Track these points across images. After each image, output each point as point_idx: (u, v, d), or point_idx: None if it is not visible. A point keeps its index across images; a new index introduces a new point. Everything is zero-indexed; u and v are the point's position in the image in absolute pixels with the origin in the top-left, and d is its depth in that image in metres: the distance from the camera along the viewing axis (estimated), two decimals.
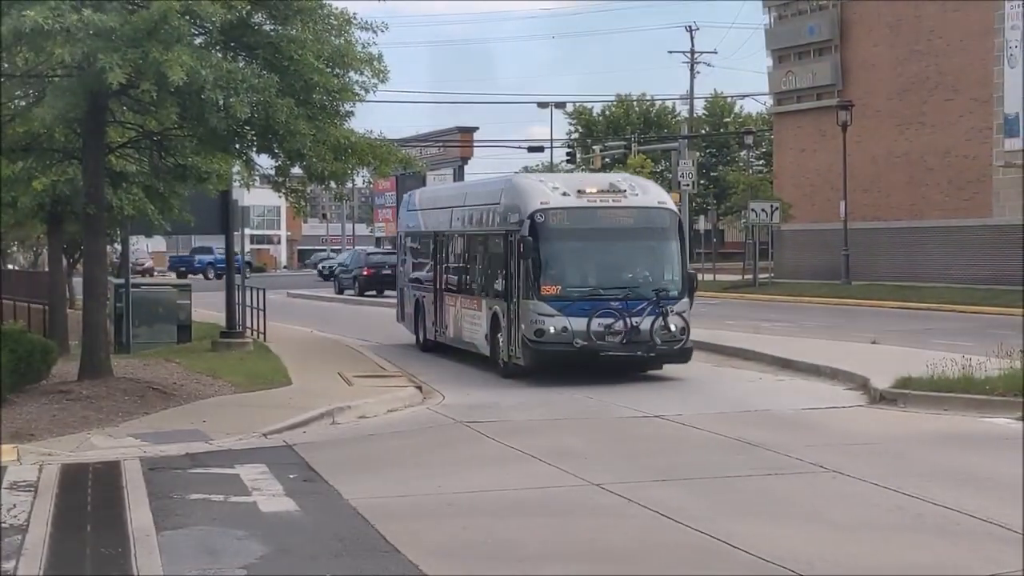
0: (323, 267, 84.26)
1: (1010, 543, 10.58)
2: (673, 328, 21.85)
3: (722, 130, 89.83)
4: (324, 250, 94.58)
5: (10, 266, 50.67)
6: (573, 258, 22.36)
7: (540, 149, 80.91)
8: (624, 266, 22.51)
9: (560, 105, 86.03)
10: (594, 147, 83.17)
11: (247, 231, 37.34)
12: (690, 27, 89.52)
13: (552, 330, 21.55)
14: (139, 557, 10.51)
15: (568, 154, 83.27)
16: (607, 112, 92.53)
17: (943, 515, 11.63)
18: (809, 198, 55.27)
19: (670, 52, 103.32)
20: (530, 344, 21.78)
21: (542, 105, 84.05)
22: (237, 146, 20.81)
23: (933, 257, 48.49)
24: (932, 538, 10.93)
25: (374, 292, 55.94)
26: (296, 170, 21.54)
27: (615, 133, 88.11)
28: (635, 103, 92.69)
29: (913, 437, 16.09)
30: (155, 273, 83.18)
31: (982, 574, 9.75)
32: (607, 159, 78.29)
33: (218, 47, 19.07)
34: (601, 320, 21.57)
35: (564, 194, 22.41)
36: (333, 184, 21.90)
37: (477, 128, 79.30)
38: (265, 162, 22.56)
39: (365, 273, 57.36)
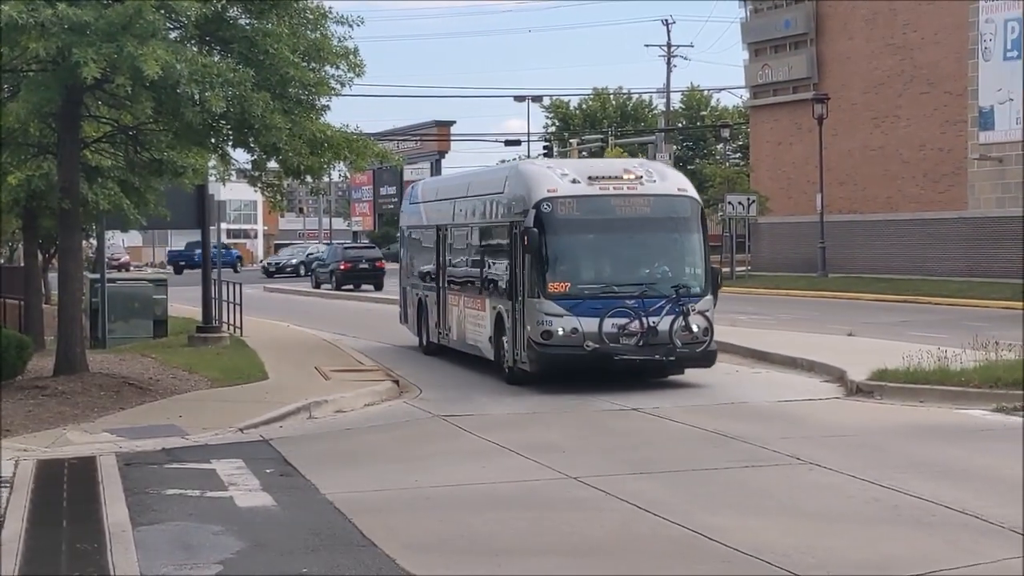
0: (267, 263, 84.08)
1: (986, 534, 10.63)
2: (695, 328, 20.06)
3: (699, 123, 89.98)
4: (298, 244, 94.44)
5: None
6: (584, 252, 20.60)
7: (517, 143, 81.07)
8: (640, 260, 20.62)
9: (537, 99, 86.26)
10: (571, 140, 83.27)
11: (224, 226, 37.15)
12: (666, 21, 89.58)
13: (560, 332, 19.77)
14: (115, 553, 10.47)
15: (545, 148, 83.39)
16: (584, 105, 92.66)
17: (919, 507, 11.67)
18: (786, 191, 55.44)
19: (647, 46, 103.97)
20: (536, 347, 19.95)
21: (519, 99, 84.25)
22: (213, 140, 20.74)
23: (909, 250, 48.67)
24: (908, 530, 10.97)
25: (351, 286, 56.00)
26: (272, 164, 21.46)
27: (592, 126, 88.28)
28: (612, 96, 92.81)
29: (889, 429, 16.14)
30: (131, 268, 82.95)
31: (958, 566, 9.78)
32: (584, 152, 78.36)
33: (193, 41, 19.01)
34: (615, 320, 19.77)
35: (574, 181, 20.56)
36: (309, 178, 21.77)
37: (454, 122, 79.80)
38: (241, 156, 22.50)
39: (342, 267, 57.40)
